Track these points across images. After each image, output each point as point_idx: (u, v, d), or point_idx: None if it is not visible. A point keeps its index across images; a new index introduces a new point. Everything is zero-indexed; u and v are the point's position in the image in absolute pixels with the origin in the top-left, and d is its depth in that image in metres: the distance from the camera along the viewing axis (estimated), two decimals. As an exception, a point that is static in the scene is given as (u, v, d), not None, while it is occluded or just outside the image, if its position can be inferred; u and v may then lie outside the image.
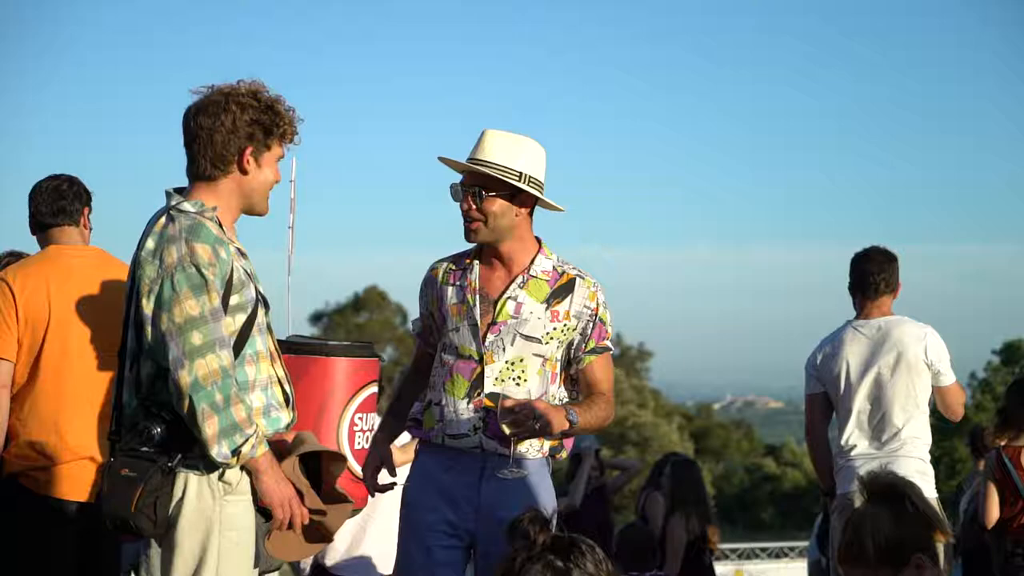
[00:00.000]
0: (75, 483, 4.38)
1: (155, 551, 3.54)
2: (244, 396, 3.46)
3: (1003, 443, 6.62)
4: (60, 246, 4.65)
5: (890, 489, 3.11)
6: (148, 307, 3.44)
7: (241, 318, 3.52)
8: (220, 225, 3.54)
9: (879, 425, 5.82)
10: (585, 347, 4.03)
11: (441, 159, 4.02)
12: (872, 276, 5.96)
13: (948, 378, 5.88)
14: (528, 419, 3.72)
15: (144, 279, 3.45)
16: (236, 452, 3.40)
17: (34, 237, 4.77)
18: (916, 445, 5.81)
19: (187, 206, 3.52)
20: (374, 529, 5.89)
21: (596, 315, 4.02)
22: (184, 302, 3.39)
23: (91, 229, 4.76)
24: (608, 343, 4.07)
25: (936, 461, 5.95)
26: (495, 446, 3.92)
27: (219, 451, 3.38)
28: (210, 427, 3.36)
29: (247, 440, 3.41)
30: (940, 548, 3.18)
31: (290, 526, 3.55)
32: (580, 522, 8.43)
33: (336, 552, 6.00)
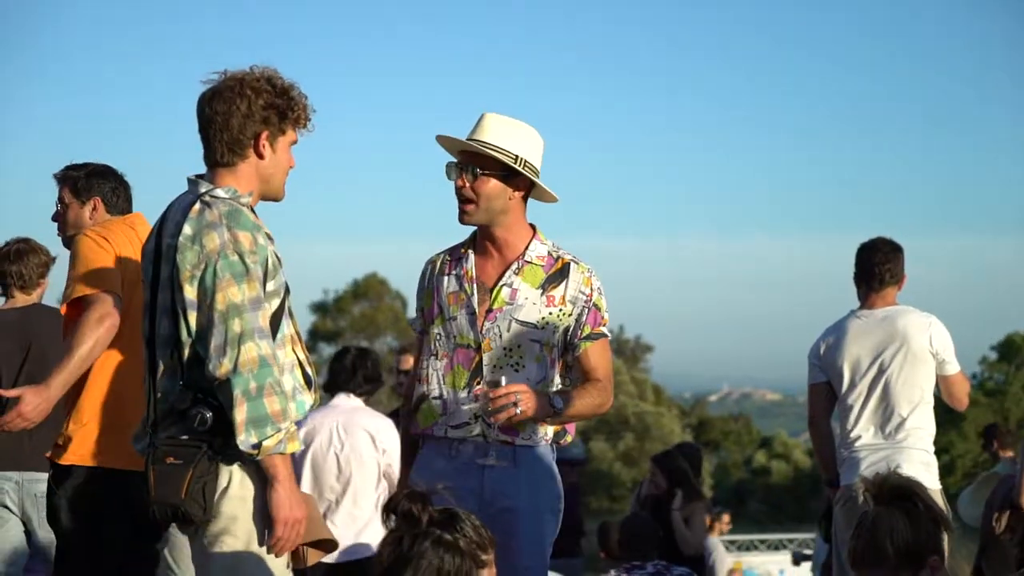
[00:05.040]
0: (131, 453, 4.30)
1: (188, 541, 3.48)
2: (281, 389, 3.38)
3: None
4: (142, 215, 4.71)
5: (901, 491, 3.14)
6: (192, 293, 3.39)
7: (275, 303, 3.48)
8: (253, 211, 3.52)
9: (883, 415, 5.80)
10: (581, 333, 4.00)
11: (439, 138, 4.02)
12: (877, 267, 5.95)
13: (953, 367, 5.87)
14: (507, 403, 3.72)
15: (186, 265, 3.39)
16: (259, 445, 3.32)
17: (108, 215, 4.73)
18: (920, 436, 5.79)
19: (220, 192, 3.48)
20: (346, 509, 6.16)
21: (591, 300, 4.00)
22: (227, 289, 3.35)
23: None
24: (604, 329, 4.05)
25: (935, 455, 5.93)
26: (496, 434, 3.91)
27: (245, 440, 3.30)
28: (240, 413, 3.29)
29: (274, 435, 3.33)
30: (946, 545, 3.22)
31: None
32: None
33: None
